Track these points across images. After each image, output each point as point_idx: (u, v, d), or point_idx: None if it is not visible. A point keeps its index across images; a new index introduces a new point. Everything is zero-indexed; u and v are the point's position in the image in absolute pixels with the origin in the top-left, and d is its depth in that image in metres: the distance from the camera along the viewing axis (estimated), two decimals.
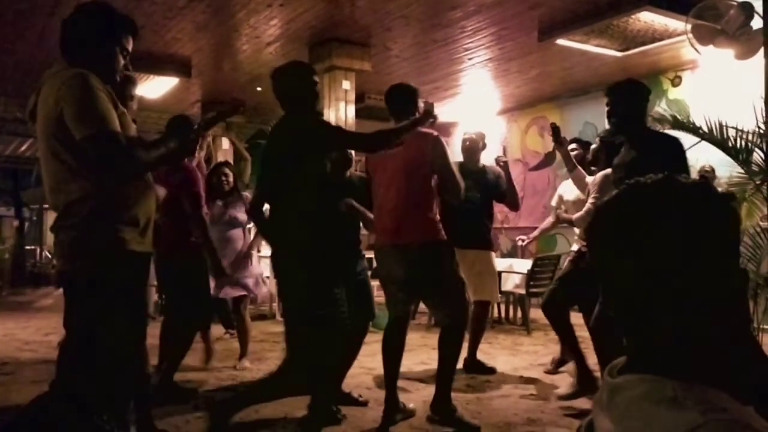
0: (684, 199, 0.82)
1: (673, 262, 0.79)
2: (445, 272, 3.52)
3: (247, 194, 5.15)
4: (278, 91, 3.31)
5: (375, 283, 4.20)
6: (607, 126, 3.60)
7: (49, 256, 13.85)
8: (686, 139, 3.92)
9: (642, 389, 0.79)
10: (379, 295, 4.56)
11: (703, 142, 4.08)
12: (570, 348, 4.12)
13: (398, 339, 3.61)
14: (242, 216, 5.00)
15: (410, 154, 3.45)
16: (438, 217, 3.55)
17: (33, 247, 15.47)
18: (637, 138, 3.31)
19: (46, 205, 13.40)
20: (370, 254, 4.20)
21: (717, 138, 3.94)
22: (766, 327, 4.10)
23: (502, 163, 4.90)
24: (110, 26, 2.44)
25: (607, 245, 0.86)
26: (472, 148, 4.91)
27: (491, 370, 4.84)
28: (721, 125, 3.98)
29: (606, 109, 3.38)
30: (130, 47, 2.51)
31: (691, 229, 0.79)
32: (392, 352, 3.58)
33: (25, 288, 11.87)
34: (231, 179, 5.08)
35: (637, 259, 0.81)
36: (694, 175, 5.22)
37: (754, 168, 3.75)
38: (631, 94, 3.36)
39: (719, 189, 0.86)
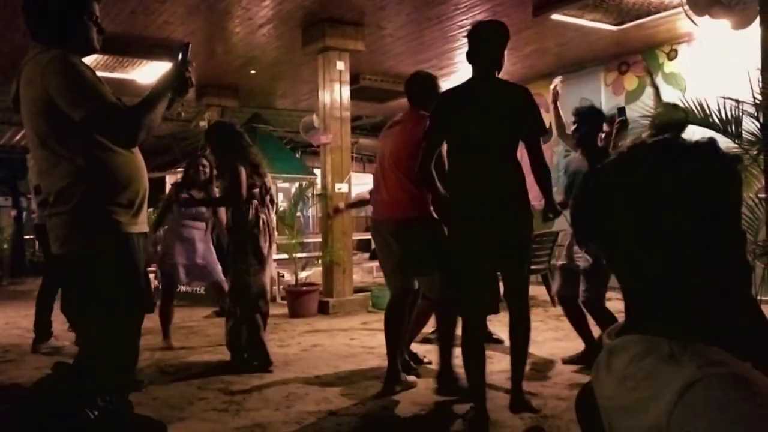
0: (686, 157, 0.81)
1: (673, 218, 0.78)
2: (437, 247, 3.55)
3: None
4: None
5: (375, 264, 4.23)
6: (602, 101, 3.75)
7: None
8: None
9: (639, 348, 0.79)
10: (378, 276, 4.55)
11: None
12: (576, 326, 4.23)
13: (398, 314, 3.69)
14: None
15: (412, 133, 3.51)
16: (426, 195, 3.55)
17: (31, 236, 15.43)
18: (589, 152, 4.06)
19: None
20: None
21: (698, 117, 3.90)
22: (764, 298, 4.11)
23: None
24: None
25: (608, 201, 0.85)
26: None
27: (499, 341, 4.86)
28: (701, 103, 3.91)
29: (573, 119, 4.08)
30: (98, 12, 2.45)
31: (691, 186, 0.78)
32: (393, 327, 3.68)
33: (24, 277, 11.87)
34: (208, 170, 5.16)
35: (636, 215, 0.81)
36: None
37: (750, 138, 3.73)
38: (592, 118, 4.16)
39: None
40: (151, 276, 6.28)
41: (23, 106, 2.36)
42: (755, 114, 3.66)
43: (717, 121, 3.77)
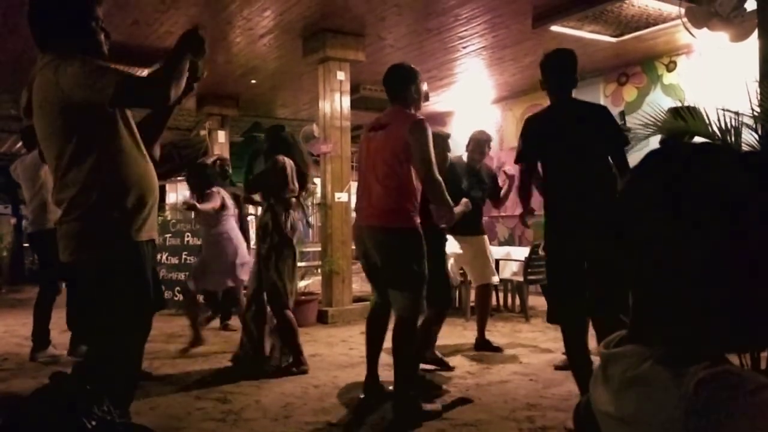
0: (713, 165, 0.80)
1: (698, 227, 0.77)
2: (407, 261, 3.40)
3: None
4: None
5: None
6: None
7: None
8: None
9: (636, 356, 0.78)
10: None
11: None
12: None
13: (376, 324, 3.74)
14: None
15: (392, 136, 3.43)
16: (415, 205, 3.43)
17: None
18: None
19: None
20: None
21: (699, 128, 3.89)
22: None
23: (508, 176, 5.12)
24: (76, 3, 2.38)
25: (623, 211, 0.85)
26: (478, 149, 5.15)
27: (498, 349, 5.15)
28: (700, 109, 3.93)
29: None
30: (102, 15, 2.46)
31: (718, 197, 0.76)
32: (371, 336, 3.77)
33: (23, 285, 11.85)
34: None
35: (644, 226, 0.80)
36: None
37: (749, 150, 3.74)
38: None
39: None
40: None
41: (36, 114, 2.36)
42: (754, 126, 3.66)
43: (717, 132, 3.77)
